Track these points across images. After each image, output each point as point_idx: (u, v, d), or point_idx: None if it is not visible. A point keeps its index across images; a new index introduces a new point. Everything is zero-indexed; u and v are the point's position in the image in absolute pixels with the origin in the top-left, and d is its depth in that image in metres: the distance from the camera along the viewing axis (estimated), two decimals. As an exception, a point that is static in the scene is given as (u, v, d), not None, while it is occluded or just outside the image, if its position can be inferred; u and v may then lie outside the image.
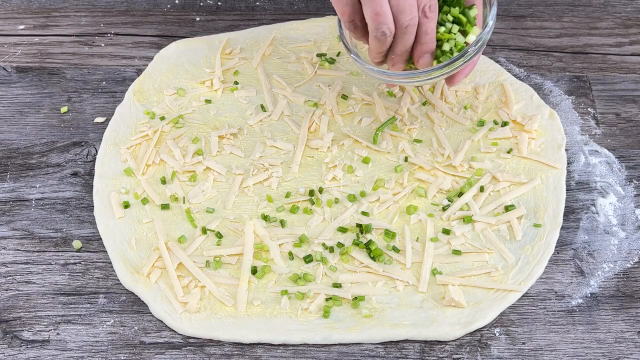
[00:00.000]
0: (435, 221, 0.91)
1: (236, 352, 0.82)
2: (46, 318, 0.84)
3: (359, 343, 0.83)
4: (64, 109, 1.03)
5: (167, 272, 0.86)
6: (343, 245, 0.89)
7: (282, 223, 0.90)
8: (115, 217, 0.91)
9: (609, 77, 1.08)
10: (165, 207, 0.92)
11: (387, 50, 0.88)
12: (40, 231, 0.91)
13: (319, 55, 1.08)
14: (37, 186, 0.95)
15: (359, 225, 0.90)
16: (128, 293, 0.86)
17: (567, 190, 0.95)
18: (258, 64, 1.07)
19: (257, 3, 1.18)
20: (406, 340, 0.83)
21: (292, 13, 1.17)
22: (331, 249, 0.88)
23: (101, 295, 0.86)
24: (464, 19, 0.88)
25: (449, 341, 0.83)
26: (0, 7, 1.17)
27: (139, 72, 1.07)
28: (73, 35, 1.13)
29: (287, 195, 0.93)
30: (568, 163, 0.98)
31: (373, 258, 0.87)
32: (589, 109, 1.04)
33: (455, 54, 0.87)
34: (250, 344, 0.82)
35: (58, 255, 0.89)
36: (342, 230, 0.90)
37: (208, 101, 1.03)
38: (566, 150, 0.98)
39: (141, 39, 1.13)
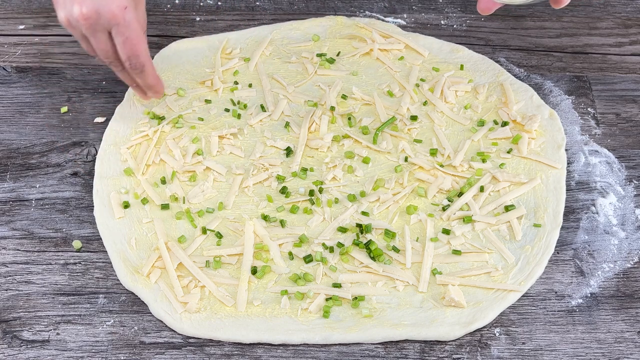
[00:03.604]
0: (435, 221, 0.91)
1: (236, 352, 0.82)
2: (46, 318, 0.84)
3: (359, 343, 0.83)
4: (64, 109, 1.03)
5: (167, 272, 0.86)
6: (343, 245, 0.88)
7: (282, 223, 0.90)
8: (115, 217, 0.91)
9: (609, 77, 1.08)
10: (165, 207, 0.92)
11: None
12: (40, 231, 0.91)
13: (319, 55, 1.08)
14: (37, 186, 0.95)
15: (359, 225, 0.90)
16: (128, 293, 0.86)
17: (567, 190, 0.95)
18: (255, 65, 1.07)
19: (257, 3, 1.18)
20: (406, 340, 0.83)
21: (292, 13, 1.17)
22: (331, 249, 0.88)
23: (101, 295, 0.86)
24: None
25: (449, 341, 0.83)
26: (0, 7, 1.17)
27: (139, 72, 1.07)
28: (73, 35, 1.13)
29: (287, 195, 0.93)
30: (568, 163, 0.98)
31: (373, 258, 0.87)
32: (589, 109, 1.04)
33: None
34: (250, 344, 0.82)
35: (58, 255, 0.89)
36: (342, 230, 0.90)
37: (208, 101, 1.03)
38: (566, 150, 0.98)
39: (141, 39, 1.13)
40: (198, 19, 1.16)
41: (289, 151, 0.97)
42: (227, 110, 1.02)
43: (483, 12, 0.96)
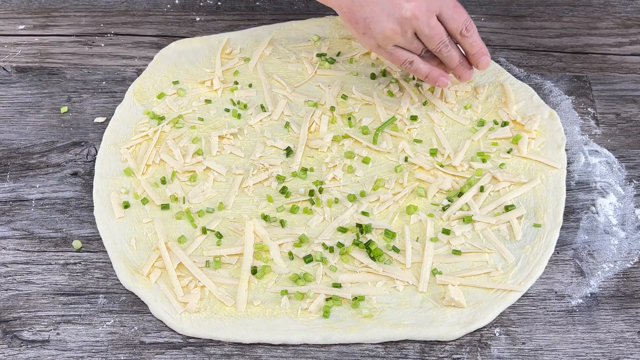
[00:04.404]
0: (435, 221, 0.91)
1: (236, 352, 0.82)
2: (46, 318, 0.84)
3: (359, 343, 0.83)
4: (64, 109, 1.03)
5: (167, 272, 0.86)
6: (343, 245, 0.88)
7: (282, 223, 0.90)
8: (115, 217, 0.91)
9: (609, 77, 1.08)
10: (165, 207, 0.92)
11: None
12: (40, 231, 0.91)
13: (319, 55, 1.08)
14: (37, 186, 0.95)
15: (359, 225, 0.90)
16: (128, 293, 0.86)
17: (567, 190, 0.95)
18: (255, 65, 1.07)
19: (257, 3, 1.18)
20: (406, 340, 0.83)
21: (292, 13, 1.17)
22: (331, 249, 0.88)
23: (101, 295, 0.86)
24: None
25: (449, 341, 0.83)
26: (0, 7, 1.17)
27: (139, 72, 1.08)
28: (73, 35, 1.13)
29: (287, 195, 0.93)
30: (568, 163, 0.98)
31: (373, 258, 0.87)
32: (589, 109, 1.04)
33: None
34: (250, 344, 0.82)
35: (58, 255, 0.89)
36: (342, 230, 0.90)
37: (208, 101, 1.03)
38: (566, 150, 0.98)
39: (141, 39, 1.13)
40: (198, 19, 1.16)
41: (289, 151, 0.97)
42: (227, 110, 1.02)
43: None
